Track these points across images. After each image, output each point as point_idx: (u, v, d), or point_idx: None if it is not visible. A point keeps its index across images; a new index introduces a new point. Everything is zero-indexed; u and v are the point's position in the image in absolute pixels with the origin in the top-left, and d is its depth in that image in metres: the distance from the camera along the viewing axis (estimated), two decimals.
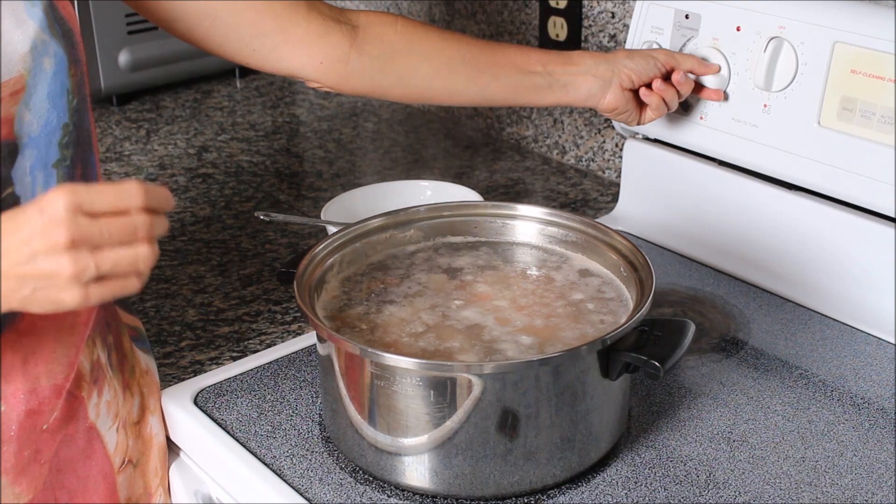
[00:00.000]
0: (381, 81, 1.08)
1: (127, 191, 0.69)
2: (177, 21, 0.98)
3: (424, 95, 1.11)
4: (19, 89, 0.78)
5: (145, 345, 1.02)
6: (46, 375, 0.85)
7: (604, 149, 1.47)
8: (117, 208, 0.69)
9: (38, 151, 0.80)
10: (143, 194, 0.69)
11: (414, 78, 1.08)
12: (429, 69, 1.07)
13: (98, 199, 0.68)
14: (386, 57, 1.06)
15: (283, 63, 1.04)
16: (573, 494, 0.85)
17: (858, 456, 0.89)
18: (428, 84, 1.08)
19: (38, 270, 0.68)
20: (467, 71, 1.08)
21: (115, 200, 0.69)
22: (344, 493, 0.86)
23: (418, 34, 1.08)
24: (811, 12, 1.07)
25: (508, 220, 1.02)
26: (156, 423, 0.98)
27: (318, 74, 1.06)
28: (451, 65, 1.08)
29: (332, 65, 1.05)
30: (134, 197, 0.69)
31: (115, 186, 0.69)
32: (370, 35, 1.06)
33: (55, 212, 0.67)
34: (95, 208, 0.68)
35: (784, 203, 1.14)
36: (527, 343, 0.86)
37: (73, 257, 0.67)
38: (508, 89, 1.10)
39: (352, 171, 1.52)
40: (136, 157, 1.59)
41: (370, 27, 1.06)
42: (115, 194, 0.69)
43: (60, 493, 0.88)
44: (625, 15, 1.38)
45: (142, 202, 0.69)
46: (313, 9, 1.03)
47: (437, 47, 1.08)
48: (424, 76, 1.08)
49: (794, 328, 1.08)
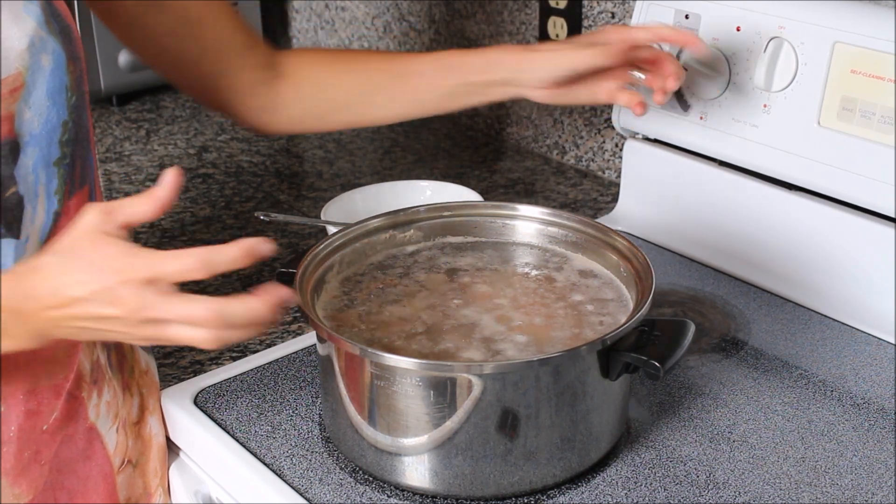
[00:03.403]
0: (297, 130, 1.11)
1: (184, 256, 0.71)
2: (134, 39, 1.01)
3: (344, 128, 1.12)
4: (18, 86, 0.78)
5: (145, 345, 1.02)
6: (46, 376, 0.85)
7: (604, 149, 1.47)
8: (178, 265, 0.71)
9: (39, 149, 0.81)
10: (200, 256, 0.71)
11: (326, 124, 1.10)
12: (343, 116, 1.09)
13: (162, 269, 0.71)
14: (297, 110, 1.08)
15: (212, 104, 1.07)
16: (573, 494, 0.85)
17: (858, 456, 0.89)
18: (346, 122, 1.10)
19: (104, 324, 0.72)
20: (374, 109, 1.08)
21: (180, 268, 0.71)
22: (344, 493, 0.86)
23: (324, 79, 1.07)
24: (811, 12, 1.07)
25: (508, 220, 1.02)
26: (155, 423, 0.98)
27: (246, 121, 1.09)
28: (361, 104, 1.08)
29: (257, 114, 1.07)
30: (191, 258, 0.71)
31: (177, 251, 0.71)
32: (294, 81, 1.07)
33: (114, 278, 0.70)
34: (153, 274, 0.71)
35: (784, 203, 1.14)
36: (527, 343, 0.86)
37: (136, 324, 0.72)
38: (426, 108, 1.09)
39: (352, 171, 1.52)
40: (136, 157, 1.59)
41: (293, 73, 1.07)
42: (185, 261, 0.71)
43: (60, 494, 0.88)
44: (625, 15, 1.38)
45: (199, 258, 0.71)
46: (249, 56, 1.05)
47: (345, 90, 1.07)
48: (339, 119, 1.09)
49: (794, 328, 1.08)
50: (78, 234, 0.72)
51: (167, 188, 0.74)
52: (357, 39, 1.86)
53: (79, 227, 0.73)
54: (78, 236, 0.72)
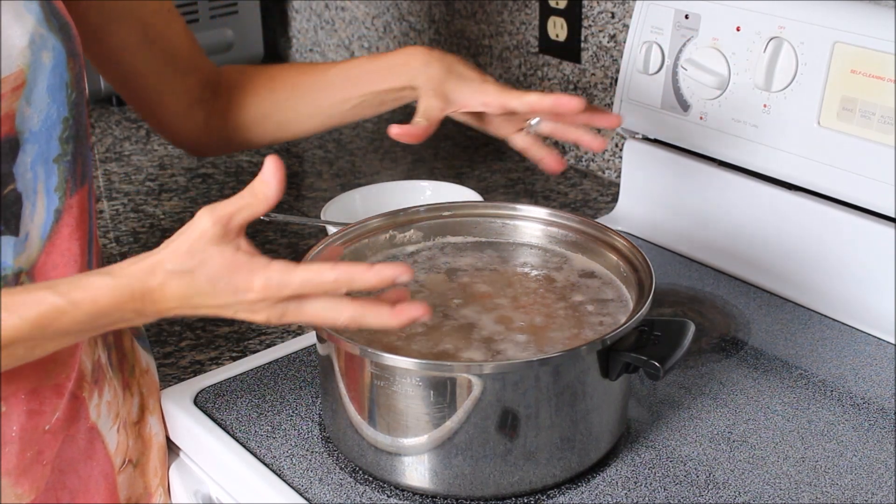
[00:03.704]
0: (228, 147, 1.11)
1: (325, 274, 0.73)
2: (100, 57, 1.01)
3: (272, 143, 1.11)
4: (20, 84, 0.78)
5: (145, 343, 1.02)
6: (48, 376, 0.85)
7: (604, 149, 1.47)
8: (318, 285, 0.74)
9: (38, 146, 0.81)
10: (340, 275, 0.73)
11: (254, 140, 1.09)
12: (267, 126, 1.08)
13: (297, 280, 0.73)
14: (227, 129, 1.08)
15: (152, 122, 1.08)
16: (573, 494, 0.85)
17: (858, 456, 0.89)
18: (272, 137, 1.10)
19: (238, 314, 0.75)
20: (297, 118, 1.07)
21: (316, 280, 0.74)
22: (344, 493, 0.86)
23: (252, 95, 1.07)
24: (811, 12, 1.07)
25: (508, 220, 1.02)
26: (155, 422, 0.98)
27: (181, 141, 1.10)
28: (283, 115, 1.07)
29: (192, 134, 1.08)
30: (330, 275, 0.74)
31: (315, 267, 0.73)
32: (223, 100, 1.08)
33: (253, 295, 0.73)
34: (294, 288, 0.73)
35: (784, 203, 1.14)
36: (526, 344, 0.86)
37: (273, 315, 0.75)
38: (347, 118, 1.08)
39: (352, 171, 1.52)
40: (136, 157, 1.59)
41: (223, 92, 1.08)
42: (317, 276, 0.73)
43: (62, 494, 0.88)
44: (625, 15, 1.38)
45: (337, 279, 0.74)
46: (194, 77, 1.05)
47: (268, 105, 1.07)
48: (265, 134, 1.09)
49: (794, 328, 1.08)
50: (201, 248, 0.73)
51: (272, 181, 0.74)
52: (357, 39, 1.86)
53: (198, 238, 0.73)
54: (202, 249, 0.73)
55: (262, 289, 0.73)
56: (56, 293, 0.74)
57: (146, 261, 0.74)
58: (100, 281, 0.74)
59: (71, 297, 0.73)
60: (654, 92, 1.22)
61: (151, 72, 1.02)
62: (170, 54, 1.03)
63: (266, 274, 0.73)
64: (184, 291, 0.74)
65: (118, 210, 1.41)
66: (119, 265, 0.76)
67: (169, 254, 0.74)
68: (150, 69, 1.02)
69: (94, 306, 0.74)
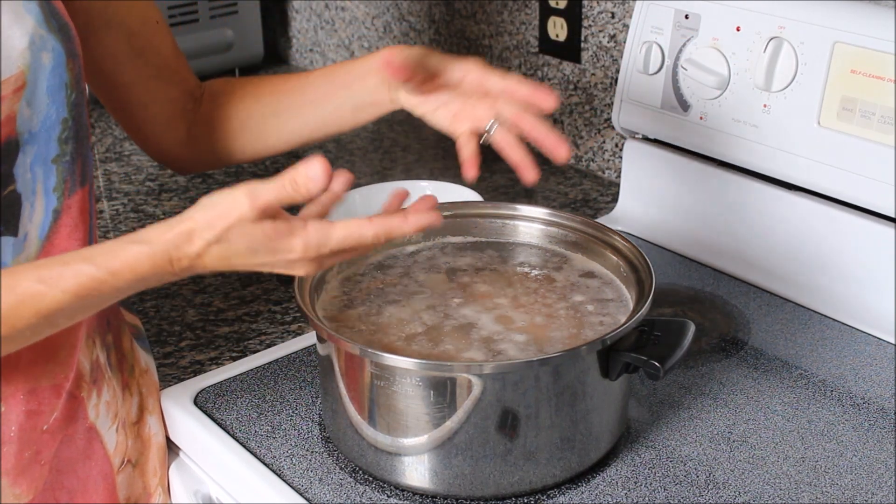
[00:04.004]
0: (209, 161, 1.09)
1: (364, 233, 0.77)
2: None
3: (253, 157, 1.09)
4: (20, 86, 0.78)
5: (144, 344, 1.02)
6: (46, 376, 0.85)
7: (604, 149, 1.47)
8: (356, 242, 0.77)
9: (38, 147, 0.81)
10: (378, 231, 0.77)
11: (236, 150, 1.07)
12: (248, 135, 1.06)
13: (336, 239, 0.76)
14: (209, 140, 1.06)
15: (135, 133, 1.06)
16: (573, 494, 0.85)
17: (858, 456, 0.89)
18: (252, 148, 1.07)
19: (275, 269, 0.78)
20: (278, 124, 1.05)
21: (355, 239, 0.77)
22: (344, 493, 0.86)
23: (233, 104, 1.05)
24: (811, 12, 1.07)
25: (508, 220, 1.02)
26: (154, 422, 0.98)
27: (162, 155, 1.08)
28: (264, 122, 1.05)
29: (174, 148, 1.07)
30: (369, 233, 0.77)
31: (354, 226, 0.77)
32: (205, 112, 1.06)
33: (294, 255, 0.76)
34: (334, 246, 0.77)
35: (784, 203, 1.14)
36: (527, 344, 0.86)
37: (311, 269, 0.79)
38: (326, 123, 1.04)
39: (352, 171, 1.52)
40: (136, 157, 1.59)
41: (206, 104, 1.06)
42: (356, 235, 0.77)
43: (60, 494, 0.88)
44: (625, 15, 1.38)
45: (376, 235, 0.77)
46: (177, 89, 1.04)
47: (249, 112, 1.05)
48: (246, 143, 1.06)
49: (794, 328, 1.08)
50: (239, 226, 0.74)
51: (319, 179, 0.75)
52: (357, 39, 1.86)
53: (236, 220, 0.74)
54: (239, 227, 0.74)
55: (303, 250, 0.75)
56: (93, 264, 0.75)
57: (180, 227, 0.75)
58: (137, 249, 0.75)
59: (109, 267, 0.75)
60: (654, 92, 1.22)
61: (134, 82, 1.01)
62: (154, 65, 1.01)
63: (305, 236, 0.75)
64: (223, 255, 0.75)
65: (118, 210, 1.41)
66: (151, 231, 0.76)
67: (205, 224, 0.74)
68: (133, 79, 1.01)
69: (134, 274, 0.75)
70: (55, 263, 0.75)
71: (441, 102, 0.97)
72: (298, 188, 0.74)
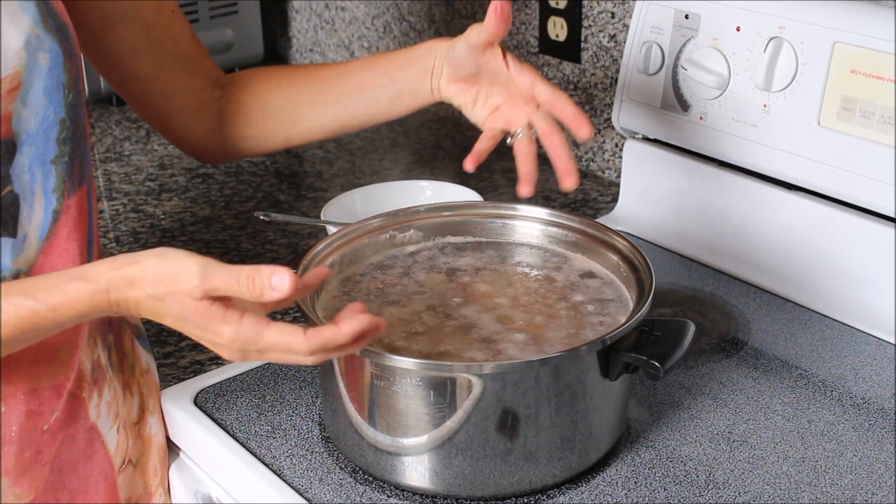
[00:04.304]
0: (239, 148, 1.08)
1: (296, 344, 0.73)
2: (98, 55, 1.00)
3: (284, 144, 1.09)
4: (16, 86, 0.78)
5: (145, 343, 1.02)
6: (47, 376, 0.85)
7: (604, 149, 1.47)
8: (287, 350, 0.74)
9: (35, 148, 0.81)
10: (312, 346, 0.73)
11: (268, 136, 1.07)
12: (282, 120, 1.06)
13: (266, 341, 0.73)
14: (240, 126, 1.06)
15: (160, 126, 1.06)
16: (573, 494, 0.85)
17: (858, 456, 0.89)
18: (285, 134, 1.07)
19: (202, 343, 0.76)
20: (314, 110, 1.05)
21: (285, 346, 0.73)
22: (344, 493, 0.86)
23: (269, 89, 1.05)
24: (811, 12, 1.07)
25: (508, 220, 1.02)
26: (155, 422, 0.98)
27: (190, 145, 1.08)
28: (299, 108, 1.05)
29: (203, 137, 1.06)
30: (302, 346, 0.73)
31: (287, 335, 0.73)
32: (237, 100, 1.06)
33: (221, 341, 0.74)
34: (262, 346, 0.74)
35: (784, 203, 1.14)
36: (527, 344, 0.86)
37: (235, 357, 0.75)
38: (361, 112, 1.05)
39: (352, 171, 1.52)
40: (136, 157, 1.59)
41: (237, 92, 1.06)
42: (286, 343, 0.73)
43: (61, 494, 0.88)
44: (625, 15, 1.38)
45: (309, 349, 0.73)
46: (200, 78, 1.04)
47: (285, 97, 1.05)
48: (279, 128, 1.06)
49: (794, 328, 1.08)
50: (179, 297, 0.73)
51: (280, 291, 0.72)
52: (357, 39, 1.86)
53: (179, 291, 0.72)
54: (179, 299, 0.73)
55: (231, 340, 0.73)
56: (34, 299, 0.74)
57: (126, 269, 0.74)
58: (78, 287, 0.74)
59: (49, 302, 0.74)
60: (654, 92, 1.22)
61: (156, 74, 1.01)
62: (174, 55, 1.01)
63: (237, 328, 0.73)
64: (156, 312, 0.74)
65: (118, 210, 1.41)
66: (95, 268, 0.75)
67: (150, 279, 0.73)
68: (155, 71, 1.01)
69: (74, 310, 0.75)
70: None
71: (483, 96, 0.98)
72: (253, 290, 0.71)
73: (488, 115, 0.98)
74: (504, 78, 0.95)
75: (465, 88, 0.98)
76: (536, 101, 0.96)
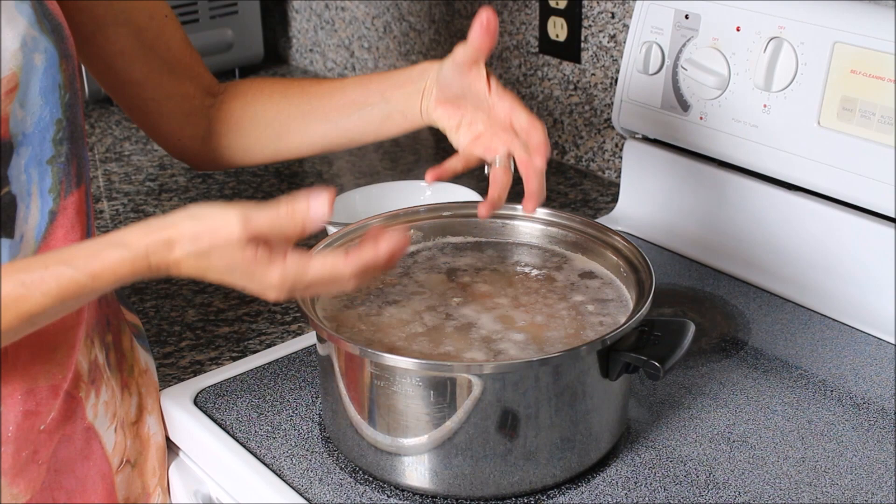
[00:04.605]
0: (227, 158, 1.07)
1: (340, 270, 0.76)
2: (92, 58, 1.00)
3: (272, 158, 1.08)
4: (13, 87, 0.78)
5: (145, 343, 1.02)
6: (44, 376, 0.85)
7: (604, 149, 1.47)
8: (332, 279, 0.76)
9: (32, 149, 0.81)
10: (355, 268, 0.76)
11: (256, 148, 1.06)
12: (271, 133, 1.05)
13: (312, 274, 0.76)
14: (229, 136, 1.05)
15: (151, 131, 1.06)
16: (573, 494, 0.85)
17: (858, 456, 0.89)
18: (274, 147, 1.06)
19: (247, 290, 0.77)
20: (305, 125, 1.04)
21: (330, 275, 0.76)
22: (344, 493, 0.86)
23: (261, 101, 1.05)
24: (811, 12, 1.07)
25: (508, 220, 1.02)
26: (154, 422, 0.98)
27: (181, 151, 1.07)
28: (290, 122, 1.04)
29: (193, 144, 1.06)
30: (346, 270, 0.76)
31: (330, 264, 0.76)
32: (228, 108, 1.05)
33: (270, 283, 0.75)
34: (309, 280, 0.76)
35: (784, 203, 1.14)
36: (527, 344, 0.86)
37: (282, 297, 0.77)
38: (351, 130, 1.03)
39: (352, 171, 1.52)
40: (136, 157, 1.59)
41: (229, 101, 1.05)
42: (331, 271, 0.76)
43: (59, 494, 0.88)
44: (625, 15, 1.38)
45: (353, 273, 0.76)
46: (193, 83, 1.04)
47: (276, 110, 1.04)
48: (268, 141, 1.05)
49: (794, 328, 1.08)
50: (222, 246, 0.74)
51: (319, 215, 0.75)
52: (357, 39, 1.86)
53: (223, 242, 0.73)
54: (222, 248, 0.74)
55: (280, 281, 0.75)
56: (74, 268, 0.74)
57: (161, 233, 0.74)
58: (117, 254, 0.74)
59: (90, 270, 0.74)
60: (654, 92, 1.22)
61: (147, 78, 1.00)
62: (166, 60, 1.01)
63: (283, 268, 0.75)
64: (200, 268, 0.75)
65: (118, 210, 1.41)
66: (130, 234, 0.75)
67: (189, 236, 0.74)
68: (146, 76, 1.00)
69: (114, 277, 0.75)
70: (36, 266, 0.75)
71: (467, 121, 0.97)
72: (295, 219, 0.74)
73: (469, 141, 0.97)
74: (485, 103, 0.94)
75: (451, 112, 0.97)
76: (514, 129, 0.93)
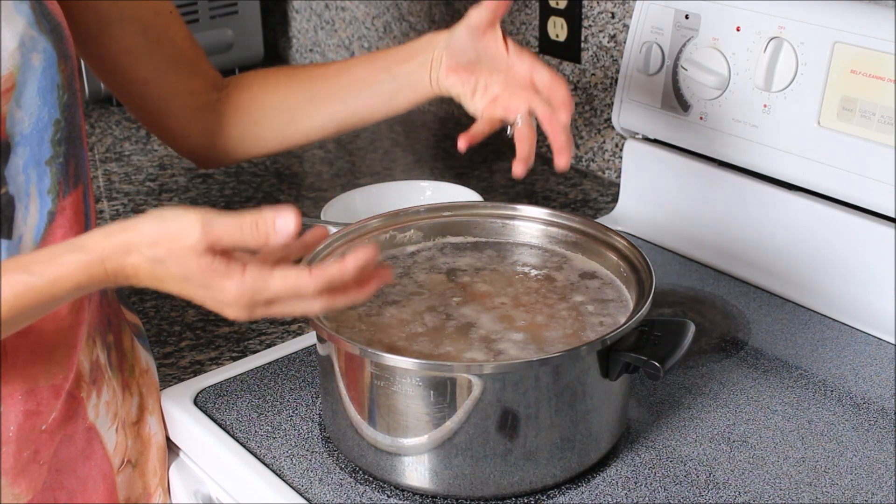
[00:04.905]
0: (239, 150, 1.07)
1: (303, 285, 0.72)
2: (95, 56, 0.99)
3: (284, 145, 1.07)
4: (10, 87, 0.78)
5: (145, 343, 1.02)
6: (45, 376, 0.85)
7: (604, 149, 1.47)
8: (294, 294, 0.72)
9: (30, 149, 0.80)
10: (319, 284, 0.72)
11: (268, 137, 1.05)
12: (282, 120, 1.04)
13: (273, 290, 0.72)
14: (239, 127, 1.05)
15: (156, 128, 1.05)
16: (573, 494, 0.85)
17: (858, 456, 0.89)
18: (285, 134, 1.05)
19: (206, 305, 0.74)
20: (313, 108, 1.03)
21: (293, 290, 0.72)
22: (344, 493, 0.86)
23: (268, 89, 1.04)
24: (811, 12, 1.07)
25: (508, 220, 1.02)
26: (154, 422, 0.98)
27: (188, 148, 1.06)
28: (298, 107, 1.03)
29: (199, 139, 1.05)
30: (309, 286, 0.72)
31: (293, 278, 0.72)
32: (235, 101, 1.05)
33: (226, 298, 0.72)
34: (269, 296, 0.72)
35: (784, 203, 1.14)
36: (527, 344, 0.86)
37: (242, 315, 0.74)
38: (361, 109, 1.03)
39: (352, 171, 1.52)
40: (136, 157, 1.59)
41: (235, 94, 1.05)
42: (293, 286, 0.72)
43: (60, 494, 0.88)
44: (625, 15, 1.38)
45: (317, 289, 0.72)
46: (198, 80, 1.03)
47: (283, 96, 1.04)
48: (279, 128, 1.05)
49: (794, 328, 1.08)
50: (180, 253, 0.71)
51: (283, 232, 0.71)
52: (357, 39, 1.86)
53: (181, 249, 0.71)
54: (180, 254, 0.71)
55: (238, 295, 0.72)
56: (30, 273, 0.73)
57: (120, 236, 0.73)
58: (73, 258, 0.73)
59: (46, 276, 0.73)
60: (654, 92, 1.22)
61: (153, 76, 1.00)
62: (172, 57, 1.00)
63: (241, 282, 0.71)
64: (156, 276, 0.73)
65: (118, 210, 1.41)
66: (89, 238, 0.74)
67: (147, 241, 0.72)
68: (152, 73, 1.00)
69: (71, 283, 0.73)
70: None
71: (482, 85, 0.96)
72: (258, 234, 0.70)
73: (486, 104, 0.96)
74: (503, 64, 0.94)
75: (465, 78, 0.97)
76: (536, 87, 0.93)
